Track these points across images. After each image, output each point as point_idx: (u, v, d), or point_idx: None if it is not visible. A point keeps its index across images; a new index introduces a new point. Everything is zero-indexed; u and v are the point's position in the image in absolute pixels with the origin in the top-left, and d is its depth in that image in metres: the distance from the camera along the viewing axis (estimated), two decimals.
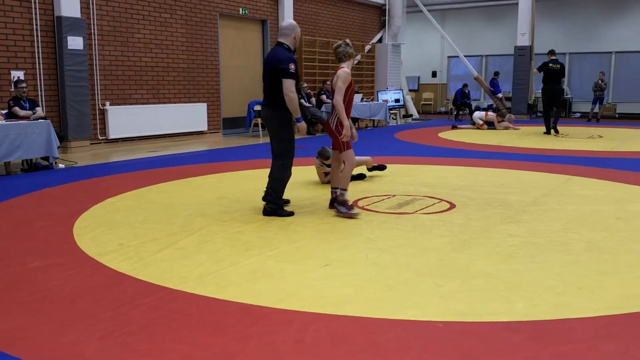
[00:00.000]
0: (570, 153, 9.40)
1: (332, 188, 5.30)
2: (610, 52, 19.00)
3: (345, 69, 5.06)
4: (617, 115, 18.31)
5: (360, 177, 6.74)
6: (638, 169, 7.55)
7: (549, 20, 19.29)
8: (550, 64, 12.56)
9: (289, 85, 4.88)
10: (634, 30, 18.17)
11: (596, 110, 17.00)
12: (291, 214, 5.09)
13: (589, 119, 17.06)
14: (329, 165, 6.16)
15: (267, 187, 5.18)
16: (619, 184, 6.49)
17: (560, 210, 5.22)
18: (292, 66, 4.88)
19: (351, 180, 5.51)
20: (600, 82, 16.93)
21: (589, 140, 11.56)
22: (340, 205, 5.08)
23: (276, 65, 4.93)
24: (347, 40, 5.26)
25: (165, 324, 2.81)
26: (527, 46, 17.36)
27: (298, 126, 5.07)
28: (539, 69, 12.79)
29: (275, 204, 5.11)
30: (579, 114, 18.60)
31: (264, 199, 5.21)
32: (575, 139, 11.80)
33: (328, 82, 14.46)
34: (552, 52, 12.98)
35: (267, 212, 5.11)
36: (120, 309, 3.01)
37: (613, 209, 5.24)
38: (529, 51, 17.31)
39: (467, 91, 17.99)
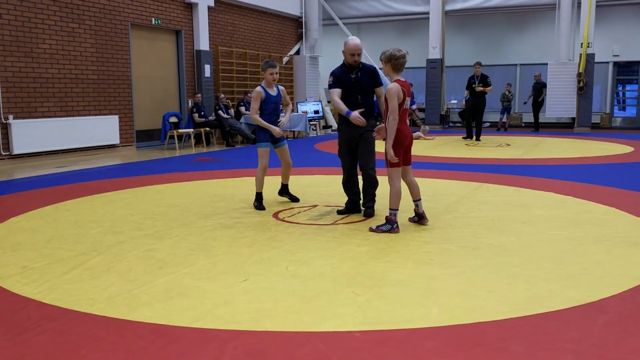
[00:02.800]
0: (480, 161, 9.81)
1: (415, 201, 5.13)
2: (516, 65, 20.09)
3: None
4: (523, 124, 19.34)
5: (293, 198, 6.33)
6: (542, 175, 7.99)
7: (459, 34, 20.15)
8: None
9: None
10: (535, 43, 19.32)
11: (504, 119, 17.90)
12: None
13: (497, 128, 17.93)
14: None
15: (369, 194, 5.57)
16: (525, 189, 6.83)
17: (471, 217, 5.42)
18: (329, 78, 5.51)
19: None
20: (507, 93, 17.86)
21: (497, 148, 12.13)
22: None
23: None
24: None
25: (72, 350, 2.65)
26: (439, 59, 18.06)
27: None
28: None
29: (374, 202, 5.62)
30: (488, 124, 19.49)
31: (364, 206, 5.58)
32: (485, 147, 12.35)
33: (249, 94, 14.38)
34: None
35: (371, 213, 5.50)
36: (22, 335, 2.81)
37: (520, 214, 5.50)
38: (440, 64, 18.02)
39: None
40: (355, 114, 5.27)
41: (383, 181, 5.43)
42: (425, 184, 7.25)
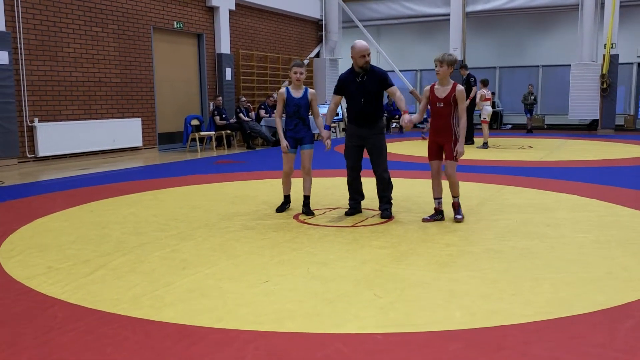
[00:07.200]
0: (502, 163, 9.72)
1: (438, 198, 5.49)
2: (538, 66, 19.88)
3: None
4: (545, 126, 19.12)
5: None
6: (564, 178, 7.89)
7: (480, 36, 20.00)
8: None
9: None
10: (558, 44, 19.11)
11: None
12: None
13: (527, 129, 17.67)
14: None
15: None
16: (548, 192, 6.76)
17: (494, 219, 5.37)
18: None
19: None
20: (529, 94, 17.64)
21: (519, 150, 12.01)
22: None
23: None
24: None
25: (97, 349, 2.69)
26: (459, 61, 17.91)
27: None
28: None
29: (390, 204, 5.66)
30: (510, 126, 19.30)
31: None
32: (506, 149, 12.24)
33: (271, 97, 14.44)
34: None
35: (388, 214, 5.52)
36: (48, 335, 2.86)
37: (543, 217, 5.44)
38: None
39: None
40: (326, 133, 5.58)
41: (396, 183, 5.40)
42: (447, 186, 7.20)
